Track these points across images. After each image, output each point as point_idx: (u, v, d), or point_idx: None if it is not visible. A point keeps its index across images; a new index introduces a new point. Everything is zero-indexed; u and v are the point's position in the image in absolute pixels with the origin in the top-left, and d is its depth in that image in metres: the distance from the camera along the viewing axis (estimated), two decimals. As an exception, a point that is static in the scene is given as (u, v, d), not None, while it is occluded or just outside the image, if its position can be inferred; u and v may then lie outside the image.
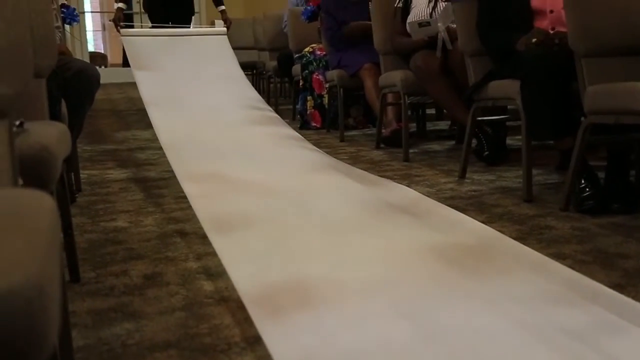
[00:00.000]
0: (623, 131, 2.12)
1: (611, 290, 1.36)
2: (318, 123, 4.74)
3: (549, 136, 2.40)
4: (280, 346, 1.13)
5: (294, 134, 3.35)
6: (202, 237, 1.84)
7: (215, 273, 1.63)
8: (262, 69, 6.72)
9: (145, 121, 3.46)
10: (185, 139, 2.91)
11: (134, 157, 3.57)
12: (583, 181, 2.14)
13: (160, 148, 2.86)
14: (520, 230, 1.96)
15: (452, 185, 2.66)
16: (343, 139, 4.12)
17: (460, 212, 2.03)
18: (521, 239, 1.83)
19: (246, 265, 1.52)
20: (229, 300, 1.45)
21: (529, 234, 1.93)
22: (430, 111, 4.74)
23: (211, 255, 1.71)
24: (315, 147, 3.14)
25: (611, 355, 1.10)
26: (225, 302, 1.45)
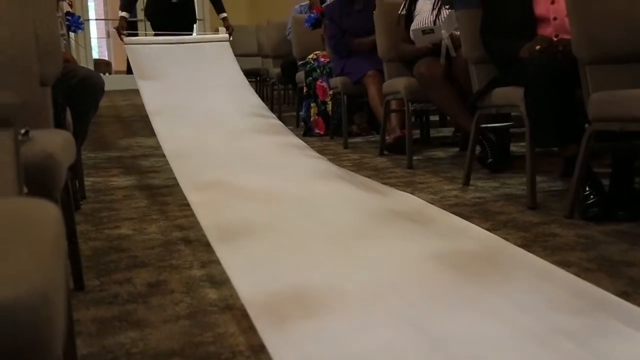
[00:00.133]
0: (627, 138, 2.11)
1: (617, 298, 1.35)
2: (322, 130, 4.74)
3: (553, 143, 2.40)
4: (284, 354, 1.13)
5: (298, 141, 3.35)
6: (206, 245, 1.84)
7: (220, 281, 1.63)
8: (266, 76, 6.73)
9: (149, 128, 3.47)
10: (188, 148, 2.92)
11: (138, 165, 3.57)
12: (587, 188, 2.13)
13: (164, 155, 2.87)
14: (524, 238, 1.96)
15: (456, 192, 2.66)
16: (347, 145, 4.12)
17: (464, 220, 2.03)
18: (526, 246, 1.83)
19: (250, 273, 1.52)
20: (233, 309, 1.45)
21: (533, 242, 1.92)
22: (434, 118, 4.74)
23: (215, 262, 1.71)
24: (318, 155, 3.15)
25: (617, 363, 1.10)
26: (229, 310, 1.45)
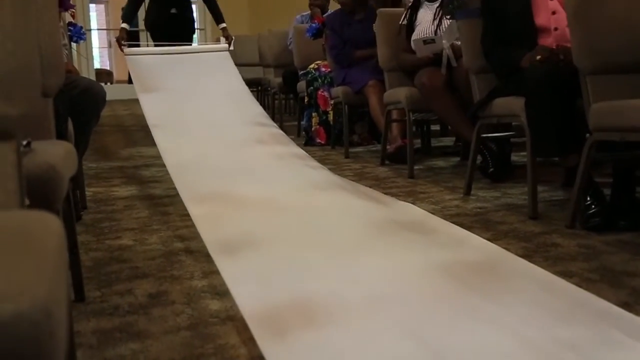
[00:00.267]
0: (628, 148, 2.12)
1: (619, 309, 1.35)
2: (323, 139, 4.75)
3: (554, 153, 2.40)
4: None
5: (299, 151, 3.36)
6: (208, 255, 1.84)
7: (221, 292, 1.63)
8: (267, 85, 6.75)
9: (150, 138, 3.47)
10: (190, 160, 2.92)
11: (140, 175, 3.58)
12: (589, 198, 2.13)
13: (165, 165, 2.88)
14: (526, 248, 1.96)
15: (458, 202, 2.66)
16: (348, 155, 4.12)
17: (465, 230, 2.03)
18: (527, 256, 1.83)
19: (250, 285, 1.52)
20: (234, 320, 1.45)
21: (535, 252, 1.92)
22: (435, 127, 4.75)
23: (216, 273, 1.70)
24: (320, 165, 3.15)
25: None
26: (231, 321, 1.44)
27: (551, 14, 2.58)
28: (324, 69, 4.75)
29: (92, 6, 12.85)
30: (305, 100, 4.88)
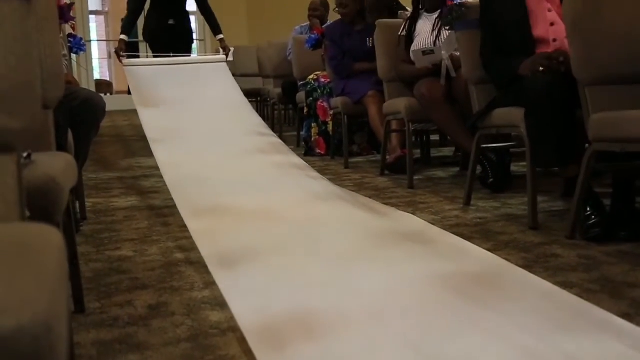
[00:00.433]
0: (628, 158, 2.12)
1: (620, 320, 1.35)
2: (322, 150, 4.75)
3: (553, 163, 2.40)
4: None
5: (299, 161, 3.36)
6: (207, 266, 1.84)
7: (221, 303, 1.62)
8: (267, 96, 6.76)
9: (149, 149, 3.48)
10: (188, 175, 2.93)
11: (139, 185, 3.58)
12: (589, 209, 2.13)
13: (165, 180, 2.89)
14: (526, 259, 1.95)
15: (457, 212, 2.66)
16: (347, 165, 4.12)
17: (465, 240, 2.03)
18: (527, 267, 1.83)
19: (248, 298, 1.52)
20: (235, 331, 1.44)
21: (535, 262, 1.92)
22: (434, 137, 4.75)
23: (216, 284, 1.70)
24: (319, 175, 3.15)
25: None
26: (231, 333, 1.44)
27: (549, 26, 2.59)
28: (323, 80, 4.76)
29: (92, 17, 12.90)
30: (305, 111, 4.89)
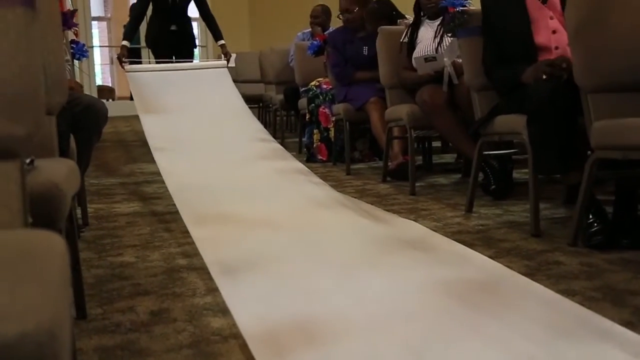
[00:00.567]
0: (631, 166, 2.12)
1: (623, 328, 1.34)
2: (324, 156, 4.76)
3: (556, 170, 2.40)
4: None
5: (301, 166, 3.37)
6: (210, 272, 1.84)
7: (223, 309, 1.62)
8: (269, 102, 6.77)
9: (151, 154, 3.48)
10: (191, 182, 2.94)
11: (141, 191, 3.58)
12: (591, 216, 2.13)
13: (167, 188, 2.90)
14: (528, 266, 1.95)
15: (459, 219, 2.65)
16: (349, 172, 4.12)
17: (468, 248, 2.03)
18: (530, 274, 1.82)
19: (251, 305, 1.52)
20: (237, 337, 1.44)
21: (537, 270, 1.91)
22: (436, 144, 4.75)
23: (219, 290, 1.70)
24: (321, 181, 3.15)
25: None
26: (233, 339, 1.44)
27: (551, 33, 2.59)
28: (325, 86, 4.77)
29: (95, 23, 12.93)
30: (307, 117, 4.90)
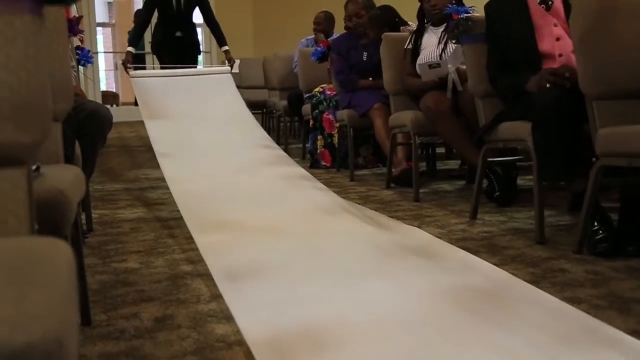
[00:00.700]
0: (636, 173, 2.11)
1: (629, 337, 1.34)
2: (328, 162, 4.76)
3: (560, 177, 2.40)
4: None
5: (304, 172, 3.37)
6: (214, 279, 1.83)
7: (227, 316, 1.62)
8: (272, 108, 6.77)
9: (156, 160, 3.49)
10: (196, 189, 2.94)
11: (145, 197, 3.58)
12: (596, 223, 2.12)
13: (172, 194, 2.90)
14: (533, 274, 1.94)
15: (464, 226, 2.65)
16: (353, 178, 4.12)
17: (472, 255, 2.02)
18: (535, 282, 1.82)
19: (255, 311, 1.52)
20: (241, 344, 1.44)
21: (542, 277, 1.91)
22: (440, 150, 4.75)
23: (223, 297, 1.70)
24: (325, 187, 3.15)
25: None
26: (238, 346, 1.44)
27: (555, 40, 2.59)
28: (329, 92, 4.77)
29: (99, 29, 12.98)
30: (311, 123, 4.90)
